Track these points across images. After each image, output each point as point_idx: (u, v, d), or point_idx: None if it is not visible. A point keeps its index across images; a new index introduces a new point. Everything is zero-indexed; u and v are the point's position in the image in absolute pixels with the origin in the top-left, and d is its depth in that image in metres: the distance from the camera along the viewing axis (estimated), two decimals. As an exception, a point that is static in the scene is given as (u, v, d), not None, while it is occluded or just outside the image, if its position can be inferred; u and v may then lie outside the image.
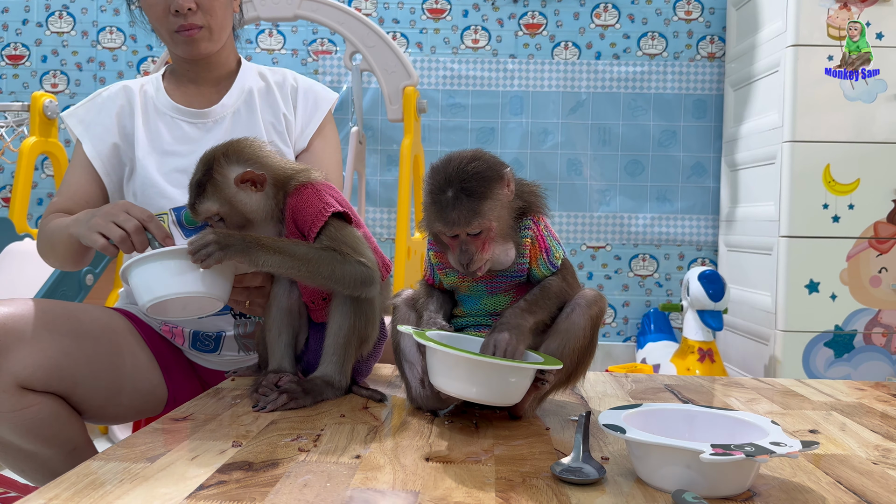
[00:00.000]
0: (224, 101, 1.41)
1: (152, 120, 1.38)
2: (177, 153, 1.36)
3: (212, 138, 1.36)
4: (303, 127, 1.46)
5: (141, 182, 1.33)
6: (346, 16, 2.63)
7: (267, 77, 1.47)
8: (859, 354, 2.46)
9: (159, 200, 1.32)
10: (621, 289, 3.16)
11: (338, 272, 1.05)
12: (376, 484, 0.75)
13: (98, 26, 3.18)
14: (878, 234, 2.44)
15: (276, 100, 1.45)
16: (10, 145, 2.82)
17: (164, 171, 1.34)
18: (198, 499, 0.70)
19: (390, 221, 3.15)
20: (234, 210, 1.07)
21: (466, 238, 0.96)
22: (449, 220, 0.94)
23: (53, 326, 1.15)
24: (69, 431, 1.18)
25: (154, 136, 1.37)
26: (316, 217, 1.07)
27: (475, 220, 0.94)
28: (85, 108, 1.41)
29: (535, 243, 1.01)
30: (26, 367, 1.09)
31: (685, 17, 3.13)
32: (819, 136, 2.43)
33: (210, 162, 1.07)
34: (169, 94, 1.41)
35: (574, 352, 1.01)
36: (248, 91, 1.43)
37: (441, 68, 3.16)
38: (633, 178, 3.15)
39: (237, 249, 1.02)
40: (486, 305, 1.04)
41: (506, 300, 1.03)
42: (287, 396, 1.06)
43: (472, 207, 0.93)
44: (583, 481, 0.76)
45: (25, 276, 2.12)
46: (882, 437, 0.98)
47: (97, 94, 1.42)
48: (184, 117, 1.39)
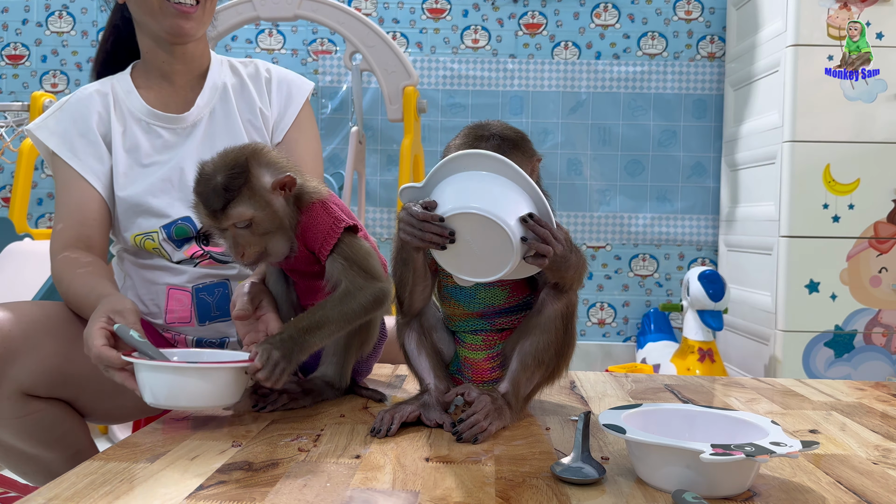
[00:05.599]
0: (198, 102, 1.34)
1: (129, 129, 1.31)
2: (156, 163, 1.30)
3: (191, 143, 1.32)
4: (278, 119, 1.41)
5: (125, 205, 1.28)
6: (346, 16, 2.63)
7: (239, 70, 1.41)
8: (859, 354, 2.46)
9: (145, 220, 1.28)
10: (621, 289, 3.17)
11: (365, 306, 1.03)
12: (376, 484, 0.75)
13: (98, 26, 3.18)
14: (878, 234, 2.44)
15: (251, 95, 1.39)
16: (10, 145, 2.82)
17: (146, 186, 1.28)
18: (198, 499, 0.70)
19: (390, 221, 3.15)
20: (267, 216, 1.01)
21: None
22: None
23: (57, 332, 1.13)
24: (72, 435, 1.17)
25: (132, 148, 1.30)
26: (328, 235, 1.04)
27: None
28: (55, 118, 1.30)
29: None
30: (30, 374, 1.08)
31: (685, 17, 3.13)
32: (819, 136, 2.43)
33: (243, 165, 1.00)
34: (142, 97, 1.33)
35: (552, 351, 0.99)
36: (222, 87, 1.37)
37: (441, 68, 3.16)
38: (633, 178, 3.15)
39: (298, 352, 0.98)
40: (482, 299, 1.02)
41: (503, 295, 1.02)
42: (287, 396, 1.06)
43: None
44: (583, 481, 0.76)
45: (25, 276, 2.12)
46: (882, 437, 0.98)
47: (64, 102, 1.32)
48: (159, 122, 1.32)
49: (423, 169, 2.83)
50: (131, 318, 1.01)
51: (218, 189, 0.99)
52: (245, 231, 1.01)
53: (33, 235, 2.46)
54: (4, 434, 1.11)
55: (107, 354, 0.96)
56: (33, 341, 1.09)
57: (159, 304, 1.31)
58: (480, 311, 1.03)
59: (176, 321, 1.30)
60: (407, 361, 1.07)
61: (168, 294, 1.30)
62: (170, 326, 1.32)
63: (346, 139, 3.08)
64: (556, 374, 1.03)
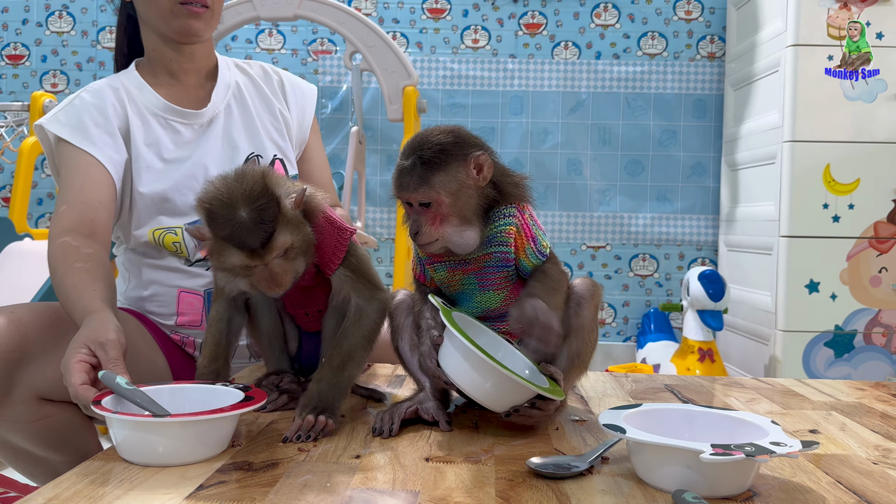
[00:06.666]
0: (214, 98, 1.35)
1: (147, 123, 1.30)
2: (178, 160, 1.29)
3: (211, 140, 1.32)
4: (299, 124, 1.43)
5: (147, 201, 1.26)
6: (346, 16, 2.63)
7: (246, 70, 1.42)
8: (859, 354, 2.46)
9: (168, 217, 1.27)
10: (621, 289, 3.16)
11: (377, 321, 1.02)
12: (376, 484, 0.75)
13: (98, 26, 3.18)
14: (878, 233, 2.44)
15: (267, 95, 1.40)
16: (10, 145, 2.82)
17: (170, 182, 1.27)
18: (198, 499, 0.70)
19: (390, 221, 3.15)
20: (301, 238, 0.95)
21: (418, 208, 0.96)
22: (400, 185, 0.96)
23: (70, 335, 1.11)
24: (83, 439, 1.17)
25: (153, 143, 1.29)
26: (336, 248, 1.01)
27: (422, 188, 0.94)
28: (65, 112, 1.27)
29: (520, 232, 0.99)
30: (45, 378, 1.06)
31: (685, 17, 3.13)
32: (819, 135, 2.43)
33: (267, 192, 0.92)
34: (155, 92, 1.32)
35: (591, 347, 1.03)
36: (235, 86, 1.38)
37: (441, 68, 3.16)
38: (633, 178, 3.15)
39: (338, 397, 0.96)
40: (478, 303, 1.02)
41: (498, 298, 1.02)
42: (287, 396, 1.06)
43: (423, 176, 0.94)
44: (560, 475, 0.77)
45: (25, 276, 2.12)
46: (882, 437, 0.98)
47: (74, 98, 1.29)
48: (177, 118, 1.32)
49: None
50: (113, 353, 0.91)
51: (252, 226, 0.90)
52: (280, 260, 0.93)
53: (33, 235, 2.46)
54: (17, 437, 1.11)
55: (85, 395, 0.87)
56: (49, 345, 1.07)
57: (169, 306, 1.31)
58: (481, 314, 1.03)
59: (186, 324, 1.31)
60: (402, 363, 1.07)
61: (179, 297, 1.31)
62: (179, 329, 1.32)
63: (346, 139, 3.08)
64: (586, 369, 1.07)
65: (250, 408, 0.85)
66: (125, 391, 0.84)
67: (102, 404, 0.82)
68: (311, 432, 0.90)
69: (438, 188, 0.94)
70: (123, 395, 0.84)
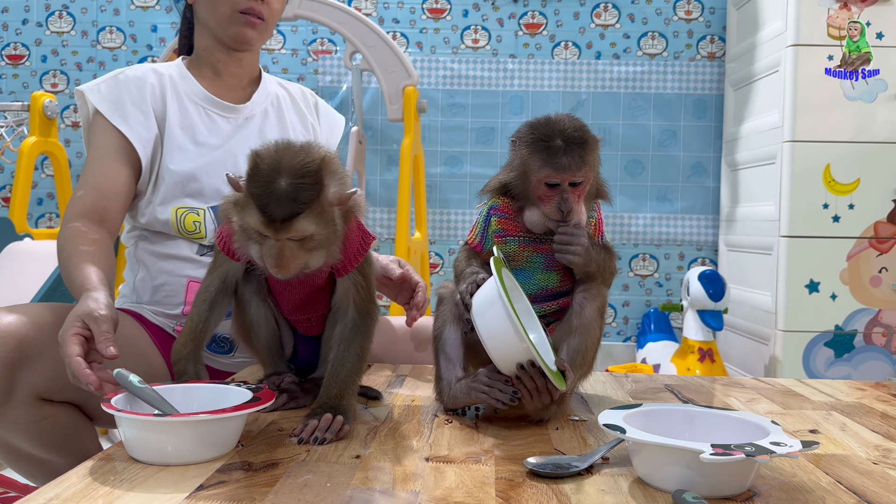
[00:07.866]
0: (255, 98, 1.43)
1: (184, 108, 1.36)
2: (210, 144, 1.35)
3: (244, 135, 1.38)
4: (327, 143, 1.48)
5: (175, 178, 1.30)
6: (346, 15, 2.63)
7: (285, 86, 1.52)
8: (859, 354, 2.46)
9: (193, 199, 1.31)
10: (621, 289, 3.16)
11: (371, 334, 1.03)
12: (376, 484, 0.75)
13: (98, 26, 3.18)
14: (878, 233, 2.44)
15: (301, 110, 1.49)
16: (10, 145, 2.82)
17: (199, 163, 1.32)
18: (198, 499, 0.70)
19: (390, 221, 3.15)
20: (326, 233, 0.91)
21: (568, 188, 1.00)
22: (560, 166, 0.99)
23: None
24: (83, 440, 1.17)
25: (188, 124, 1.35)
26: (357, 252, 1.00)
27: (584, 167, 1.00)
28: (107, 85, 1.33)
29: (596, 226, 1.09)
30: (46, 379, 1.07)
31: (685, 17, 3.13)
32: (819, 135, 2.43)
33: (315, 174, 0.88)
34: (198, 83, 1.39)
35: (593, 345, 1.05)
36: (274, 95, 1.47)
37: (441, 68, 3.16)
38: (633, 178, 3.15)
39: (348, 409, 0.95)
40: (538, 281, 1.07)
41: (557, 279, 1.06)
42: (287, 396, 1.06)
43: (582, 155, 1.00)
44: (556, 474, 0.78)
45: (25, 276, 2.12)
46: (882, 437, 0.98)
47: (119, 73, 1.35)
48: (216, 109, 1.39)
49: (423, 169, 2.83)
50: (105, 326, 0.94)
51: (286, 197, 0.86)
52: (295, 244, 0.90)
53: (33, 235, 2.46)
54: (18, 439, 1.11)
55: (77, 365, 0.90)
56: (49, 345, 1.06)
57: (178, 295, 1.32)
58: (535, 293, 1.07)
59: None
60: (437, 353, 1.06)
61: (188, 287, 1.32)
62: (183, 319, 1.32)
63: (346, 139, 3.07)
64: (591, 370, 1.08)
65: (257, 408, 0.85)
66: (138, 390, 0.86)
67: (112, 403, 0.83)
68: (327, 433, 0.90)
69: (593, 168, 1.02)
70: (136, 393, 0.86)
